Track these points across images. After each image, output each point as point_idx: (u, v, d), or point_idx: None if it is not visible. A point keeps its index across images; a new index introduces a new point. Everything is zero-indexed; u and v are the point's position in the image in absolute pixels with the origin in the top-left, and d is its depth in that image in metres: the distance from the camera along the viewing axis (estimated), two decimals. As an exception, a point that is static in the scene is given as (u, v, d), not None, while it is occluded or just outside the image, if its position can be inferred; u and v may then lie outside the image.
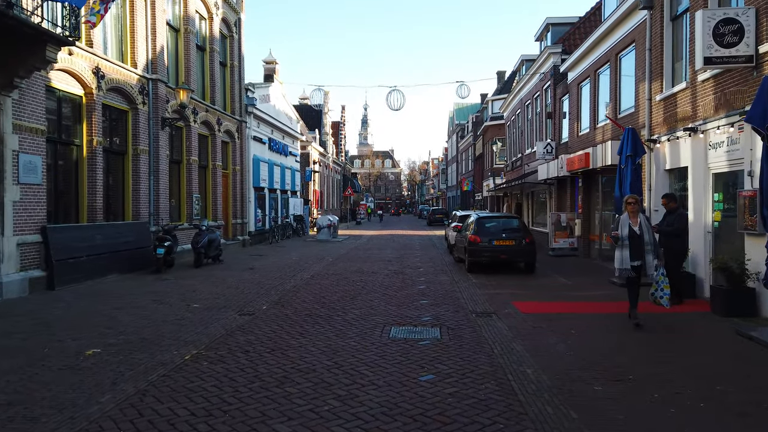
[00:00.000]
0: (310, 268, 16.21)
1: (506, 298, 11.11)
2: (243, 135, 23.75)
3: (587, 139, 17.80)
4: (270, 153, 27.95)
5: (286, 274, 14.90)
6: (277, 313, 9.56)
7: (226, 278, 13.90)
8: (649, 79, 12.97)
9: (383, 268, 16.22)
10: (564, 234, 19.21)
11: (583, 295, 11.50)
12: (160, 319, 8.97)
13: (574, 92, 19.54)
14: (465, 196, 61.04)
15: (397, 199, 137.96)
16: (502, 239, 14.83)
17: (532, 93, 26.27)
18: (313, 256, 20.20)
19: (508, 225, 15.77)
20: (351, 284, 13.01)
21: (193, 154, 18.76)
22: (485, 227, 15.45)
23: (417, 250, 23.17)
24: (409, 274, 14.85)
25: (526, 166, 28.04)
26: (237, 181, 23.30)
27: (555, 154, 21.67)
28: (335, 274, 14.99)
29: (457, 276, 14.49)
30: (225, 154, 22.66)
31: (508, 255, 14.81)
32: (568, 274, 14.66)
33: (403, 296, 11.36)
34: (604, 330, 8.36)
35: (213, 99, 20.77)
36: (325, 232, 29.15)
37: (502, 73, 54.96)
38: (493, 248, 14.77)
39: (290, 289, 12.21)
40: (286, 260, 18.50)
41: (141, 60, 15.57)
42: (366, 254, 21.03)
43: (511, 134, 33.99)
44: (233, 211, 23.11)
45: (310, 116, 48.57)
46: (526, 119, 28.22)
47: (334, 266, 16.82)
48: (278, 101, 29.97)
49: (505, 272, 15.19)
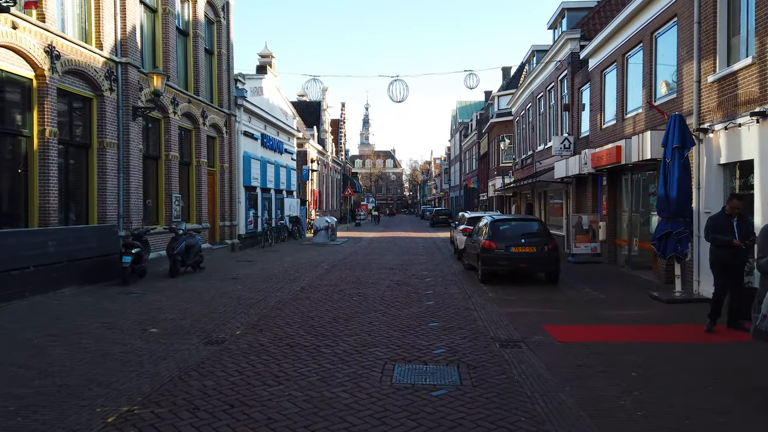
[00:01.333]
0: (302, 278, 14.27)
1: (533, 319, 9.17)
2: (232, 130, 21.82)
3: (614, 132, 15.84)
4: (263, 150, 26.01)
5: (274, 285, 12.96)
6: (252, 342, 7.62)
7: (202, 291, 11.97)
8: (697, 58, 11.02)
9: (384, 278, 14.28)
10: (586, 238, 17.25)
11: (626, 316, 9.54)
12: (100, 352, 7.04)
13: (596, 81, 17.59)
14: (469, 197, 59.08)
15: (399, 199, 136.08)
16: (521, 245, 12.88)
17: (545, 84, 24.31)
18: (307, 262, 18.27)
19: (527, 229, 13.81)
20: (346, 300, 11.07)
21: (172, 149, 16.82)
22: (501, 231, 13.50)
23: (421, 255, 21.23)
24: (415, 286, 12.91)
25: (537, 164, 26.09)
26: (225, 180, 21.38)
27: (573, 150, 19.73)
28: (329, 285, 13.06)
29: (469, 288, 12.55)
30: (212, 150, 20.73)
31: (529, 264, 12.87)
32: (597, 286, 12.71)
33: (409, 316, 9.41)
34: (679, 371, 6.37)
35: (197, 89, 18.85)
36: (323, 235, 27.23)
37: (507, 68, 52.99)
38: (511, 256, 12.82)
39: (274, 306, 10.27)
40: (276, 267, 16.57)
41: (108, 41, 13.65)
42: (366, 260, 19.10)
43: (520, 130, 32.03)
44: (221, 212, 21.18)
45: (308, 113, 46.67)
46: (538, 113, 26.26)
47: (329, 275, 14.89)
48: (272, 95, 28.06)
49: (524, 283, 13.25)
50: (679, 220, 10.51)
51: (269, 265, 17.27)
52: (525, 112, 29.70)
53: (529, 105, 28.45)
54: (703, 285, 10.77)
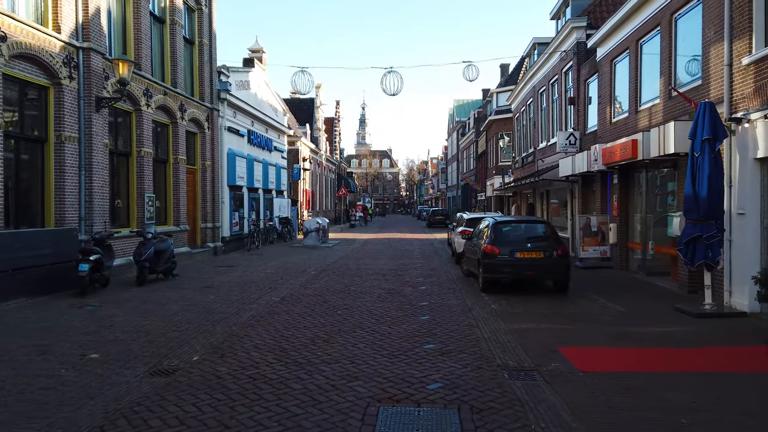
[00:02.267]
0: (284, 286, 12.91)
1: (545, 338, 7.84)
2: (215, 125, 20.44)
3: (626, 126, 14.52)
4: (250, 147, 24.62)
5: (251, 295, 11.60)
6: (207, 374, 6.26)
7: (168, 303, 10.59)
8: (728, 38, 9.70)
9: (376, 286, 12.93)
10: (594, 241, 15.93)
11: (654, 334, 8.20)
12: (16, 389, 5.68)
13: (605, 71, 16.26)
14: (466, 197, 57.76)
15: (395, 199, 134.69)
16: (527, 250, 11.54)
17: (548, 78, 22.99)
18: (293, 267, 16.90)
19: (533, 231, 12.46)
20: (330, 314, 9.71)
21: (145, 144, 15.43)
22: (505, 235, 12.16)
23: (417, 258, 19.88)
24: (408, 296, 11.56)
25: (539, 162, 24.77)
26: (207, 179, 19.99)
27: (580, 146, 18.41)
28: (313, 295, 11.70)
29: (469, 298, 11.21)
30: (192, 146, 19.35)
31: (536, 271, 11.52)
32: (612, 296, 11.38)
33: (400, 335, 8.06)
34: (746, 417, 5.00)
35: (174, 80, 17.46)
36: (313, 237, 25.86)
37: (506, 66, 51.75)
38: (516, 262, 11.48)
39: (246, 322, 8.91)
40: (258, 273, 15.20)
41: (68, 23, 12.27)
42: (357, 264, 17.74)
43: (520, 127, 30.72)
44: (202, 213, 19.79)
45: (301, 111, 45.24)
46: (540, 108, 24.94)
47: (315, 283, 13.53)
48: (260, 89, 26.67)
49: (530, 292, 11.92)
50: (709, 223, 9.20)
51: (251, 270, 15.89)
52: (526, 108, 28.38)
53: (530, 100, 27.13)
54: (736, 297, 9.46)
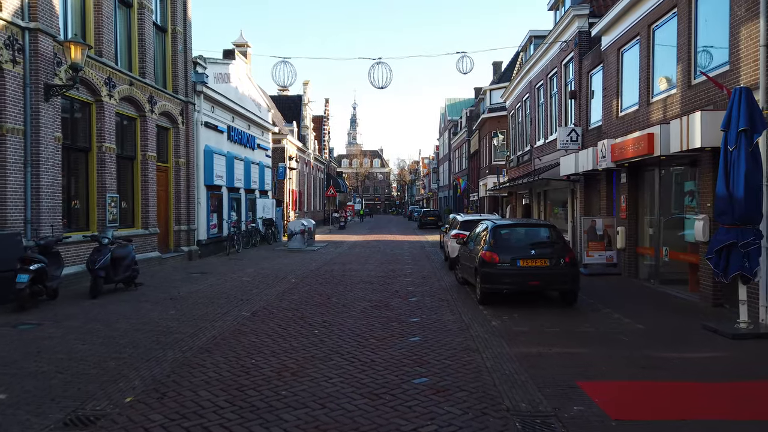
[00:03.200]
0: (259, 297, 11.51)
1: (560, 367, 6.51)
2: (190, 120, 18.98)
3: (636, 119, 13.24)
4: (230, 144, 23.16)
5: (218, 309, 10.19)
6: (136, 424, 4.86)
7: (118, 320, 9.16)
8: (766, 15, 8.42)
9: (361, 297, 11.55)
10: (600, 246, 14.63)
11: (689, 362, 6.88)
12: None
13: (611, 61, 14.98)
14: (458, 197, 56.51)
15: (387, 199, 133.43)
16: (531, 258, 10.20)
17: (545, 71, 21.71)
18: (272, 273, 15.49)
19: (537, 236, 11.12)
20: (305, 334, 8.32)
21: (107, 139, 13.97)
22: (505, 240, 10.82)
23: (407, 263, 18.52)
24: (397, 310, 10.19)
25: (536, 161, 23.49)
26: (182, 178, 18.52)
27: (581, 143, 17.14)
28: (290, 308, 10.31)
29: (466, 312, 9.87)
30: (164, 142, 17.89)
31: (541, 281, 10.17)
32: (627, 308, 10.08)
33: (385, 364, 6.70)
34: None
35: (143, 70, 16.00)
36: (298, 239, 24.44)
37: (498, 63, 50.64)
38: (519, 271, 10.13)
39: (203, 347, 7.51)
40: (232, 282, 13.78)
41: (11, 1, 10.80)
42: (342, 271, 16.35)
43: (515, 125, 29.45)
44: (176, 215, 18.33)
45: (288, 108, 43.83)
46: (537, 104, 23.67)
47: (293, 293, 12.13)
48: (242, 83, 25.21)
49: (533, 303, 10.61)
50: (746, 228, 7.93)
51: (225, 278, 14.46)
52: (521, 104, 27.11)
53: (526, 96, 25.86)
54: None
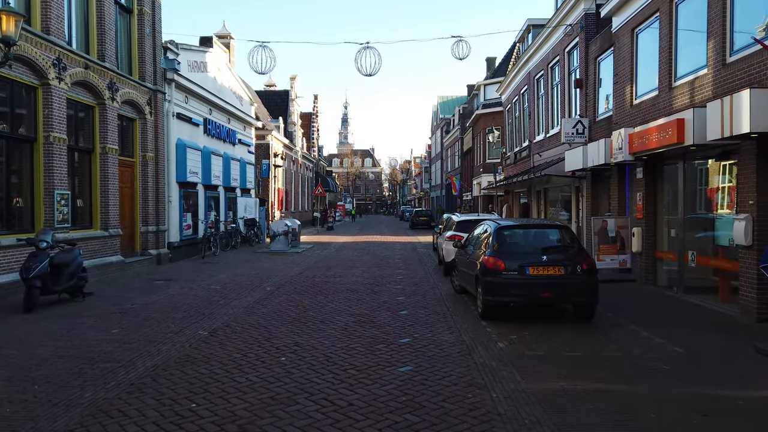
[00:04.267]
0: (224, 310, 9.89)
1: (597, 417, 4.95)
2: (159, 110, 17.28)
3: (655, 106, 11.73)
4: (207, 139, 21.47)
5: (171, 326, 8.56)
6: None
7: (42, 343, 7.49)
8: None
9: (343, 310, 9.95)
10: (612, 249, 13.11)
11: (758, 402, 5.34)
12: None
13: (624, 43, 13.47)
14: (451, 196, 55.02)
15: (378, 199, 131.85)
16: (542, 265, 8.63)
17: (546, 60, 20.20)
18: (248, 280, 13.86)
19: (547, 239, 9.56)
20: (268, 363, 6.70)
21: (56, 128, 12.29)
22: (511, 244, 9.25)
23: (398, 268, 16.93)
24: (384, 327, 8.60)
25: (536, 157, 21.99)
26: (149, 174, 16.83)
27: (588, 136, 15.63)
28: (257, 326, 8.69)
29: (466, 330, 8.30)
30: (129, 134, 16.20)
31: (555, 293, 8.61)
32: (655, 324, 8.56)
33: (366, 411, 5.09)
34: None
35: (102, 53, 14.31)
36: (281, 241, 22.77)
37: (492, 59, 49.25)
38: (528, 281, 8.56)
39: (133, 382, 5.88)
40: (199, 290, 12.14)
41: (-73, -40, 9.12)
42: (326, 276, 14.74)
43: (512, 120, 27.96)
44: (143, 215, 16.63)
45: (274, 104, 42.10)
46: (537, 97, 22.16)
47: (266, 304, 10.51)
48: (222, 74, 23.52)
49: (544, 318, 9.05)
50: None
51: (192, 285, 12.81)
52: (519, 97, 25.61)
53: (524, 88, 24.35)
54: None
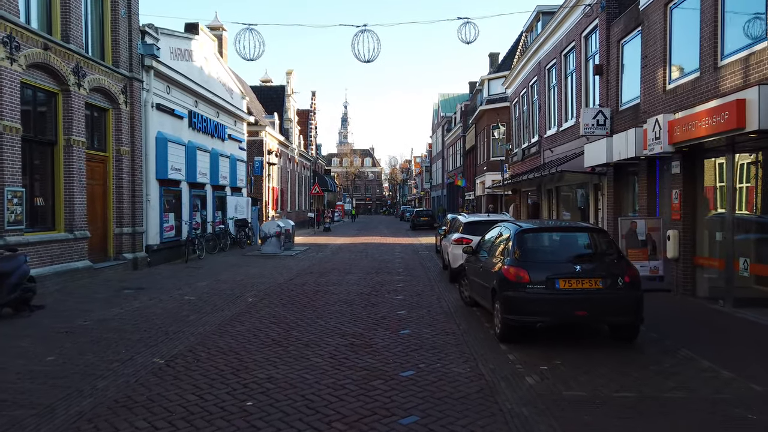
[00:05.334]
0: (193, 328, 8.31)
1: None
2: (135, 100, 15.70)
3: (696, 90, 10.15)
4: (192, 133, 19.89)
5: (122, 351, 6.97)
6: None
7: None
8: None
9: (333, 329, 8.36)
10: (642, 253, 11.52)
11: None
12: None
13: (655, 21, 11.88)
14: (453, 196, 53.42)
15: (378, 199, 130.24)
16: (576, 276, 7.04)
17: (559, 48, 18.62)
18: (229, 288, 12.28)
19: (579, 245, 7.96)
20: (227, 414, 5.11)
21: (6, 116, 10.70)
22: (536, 250, 7.67)
23: (398, 273, 15.34)
24: (382, 352, 7.01)
25: (547, 152, 20.42)
26: (124, 170, 15.24)
27: (610, 127, 14.05)
28: (226, 352, 7.11)
29: (485, 358, 6.72)
30: (100, 126, 14.63)
31: (592, 311, 7.01)
32: (710, 348, 6.98)
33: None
34: None
35: (66, 34, 12.74)
36: (273, 243, 21.20)
37: (495, 55, 47.58)
38: (559, 296, 6.98)
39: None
40: (170, 302, 10.56)
41: None
42: (317, 284, 13.16)
43: (519, 114, 26.38)
44: (117, 215, 15.05)
45: (270, 99, 40.56)
46: (548, 88, 20.59)
47: (243, 321, 8.93)
48: (209, 64, 21.95)
49: (575, 338, 7.47)
50: None
51: (164, 296, 11.22)
52: (527, 90, 24.02)
53: (533, 80, 22.77)
54: None
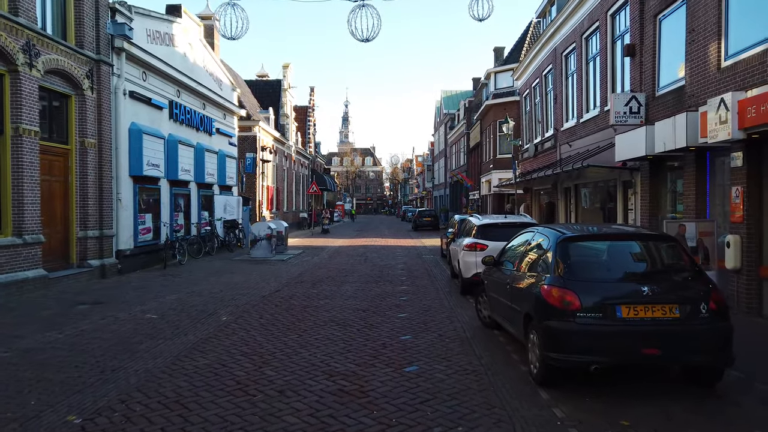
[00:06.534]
0: (139, 363, 6.47)
1: None
2: (104, 86, 13.86)
3: (766, 63, 8.29)
4: (173, 125, 18.05)
5: (34, 402, 5.15)
6: None
7: None
8: None
9: (320, 363, 6.50)
10: (692, 263, 9.64)
11: None
12: None
13: (704, -13, 10.01)
14: (455, 196, 51.57)
15: (379, 198, 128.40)
16: (644, 301, 5.19)
17: (579, 30, 16.76)
18: (202, 303, 10.44)
19: (642, 258, 6.05)
20: None
21: (-71, 97, 8.91)
22: (586, 265, 5.80)
23: (401, 283, 13.49)
24: (381, 403, 5.16)
25: (564, 147, 18.57)
26: (90, 165, 13.42)
27: (645, 115, 12.20)
28: (173, 403, 5.26)
29: (520, 414, 4.88)
30: (61, 115, 12.82)
31: (666, 348, 5.14)
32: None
33: None
34: None
35: (14, 6, 10.92)
36: (263, 247, 19.37)
37: (500, 49, 45.78)
38: (622, 329, 5.13)
39: None
40: (127, 321, 8.72)
41: None
42: (307, 297, 11.32)
43: (531, 107, 24.52)
44: (81, 216, 13.22)
45: (266, 94, 38.72)
46: (565, 76, 18.74)
47: (206, 352, 7.08)
48: (194, 51, 20.13)
49: (632, 382, 5.62)
50: None
51: (121, 313, 9.37)
52: (540, 80, 22.17)
53: (547, 68, 20.91)
54: None
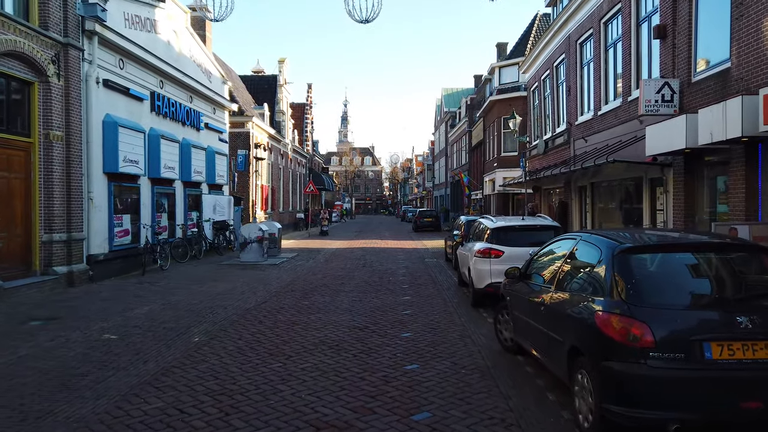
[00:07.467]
0: (75, 406, 5.04)
1: None
2: (72, 72, 12.41)
3: None
4: (155, 118, 16.60)
5: None
6: None
7: None
8: None
9: (302, 409, 5.06)
10: (747, 273, 8.24)
11: None
12: None
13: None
14: (456, 196, 50.13)
15: (378, 198, 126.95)
16: (741, 336, 3.79)
17: (598, 14, 15.32)
18: (174, 318, 9.00)
19: (726, 276, 4.60)
20: None
21: None
22: (657, 286, 4.35)
23: (404, 292, 12.04)
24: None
25: (579, 142, 17.15)
26: (56, 160, 11.97)
27: (679, 104, 10.78)
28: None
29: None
30: (21, 104, 11.37)
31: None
32: None
33: None
34: None
35: (-39, -25, 9.52)
36: (254, 250, 17.91)
37: (503, 44, 44.34)
38: (712, 374, 3.70)
39: None
40: (77, 344, 7.29)
41: None
42: (297, 309, 9.87)
43: (540, 101, 23.09)
44: (45, 217, 11.78)
45: (261, 90, 37.27)
46: (580, 66, 17.32)
47: (165, 388, 5.64)
48: (180, 40, 18.69)
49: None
50: None
51: (71, 334, 7.92)
52: (550, 72, 20.75)
53: (559, 59, 19.50)
54: None
